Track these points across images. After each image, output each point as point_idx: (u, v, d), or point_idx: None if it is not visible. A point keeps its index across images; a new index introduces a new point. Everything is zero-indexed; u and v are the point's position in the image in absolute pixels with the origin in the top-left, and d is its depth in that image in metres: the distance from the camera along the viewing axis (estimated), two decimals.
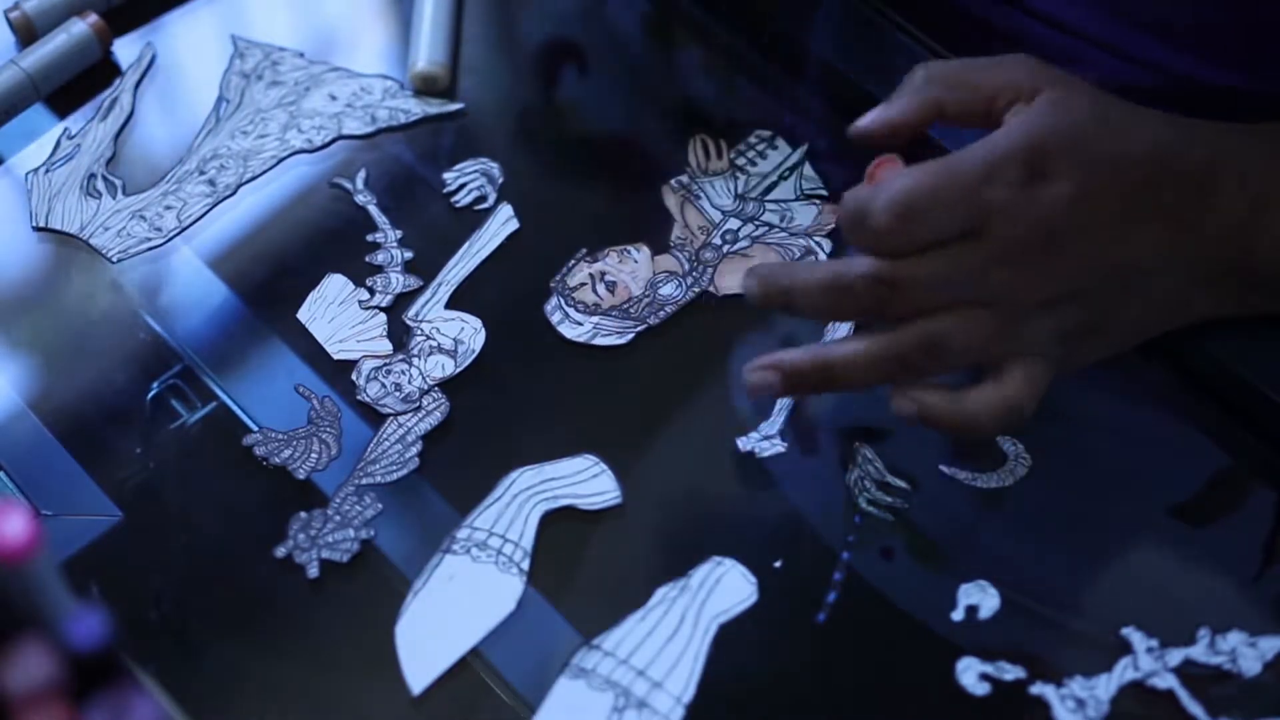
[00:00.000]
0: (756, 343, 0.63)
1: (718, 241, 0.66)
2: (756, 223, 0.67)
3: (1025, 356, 0.56)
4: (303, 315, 0.64)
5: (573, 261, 0.65)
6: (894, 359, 0.55)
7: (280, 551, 0.58)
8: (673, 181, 0.68)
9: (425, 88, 0.70)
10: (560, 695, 0.55)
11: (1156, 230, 0.57)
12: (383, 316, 0.64)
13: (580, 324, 0.64)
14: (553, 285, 0.65)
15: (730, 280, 0.65)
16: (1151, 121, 0.59)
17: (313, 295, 0.64)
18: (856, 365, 0.56)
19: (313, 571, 0.57)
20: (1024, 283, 0.55)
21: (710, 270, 0.65)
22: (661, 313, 0.64)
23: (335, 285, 0.65)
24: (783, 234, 0.66)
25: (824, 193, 0.67)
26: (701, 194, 0.67)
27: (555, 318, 0.64)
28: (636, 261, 0.66)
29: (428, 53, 0.70)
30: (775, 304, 0.57)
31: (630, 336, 0.63)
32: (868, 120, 0.58)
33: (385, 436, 0.61)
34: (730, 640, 0.56)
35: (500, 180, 0.68)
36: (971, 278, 0.55)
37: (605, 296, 0.64)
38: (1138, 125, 0.58)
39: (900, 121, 0.58)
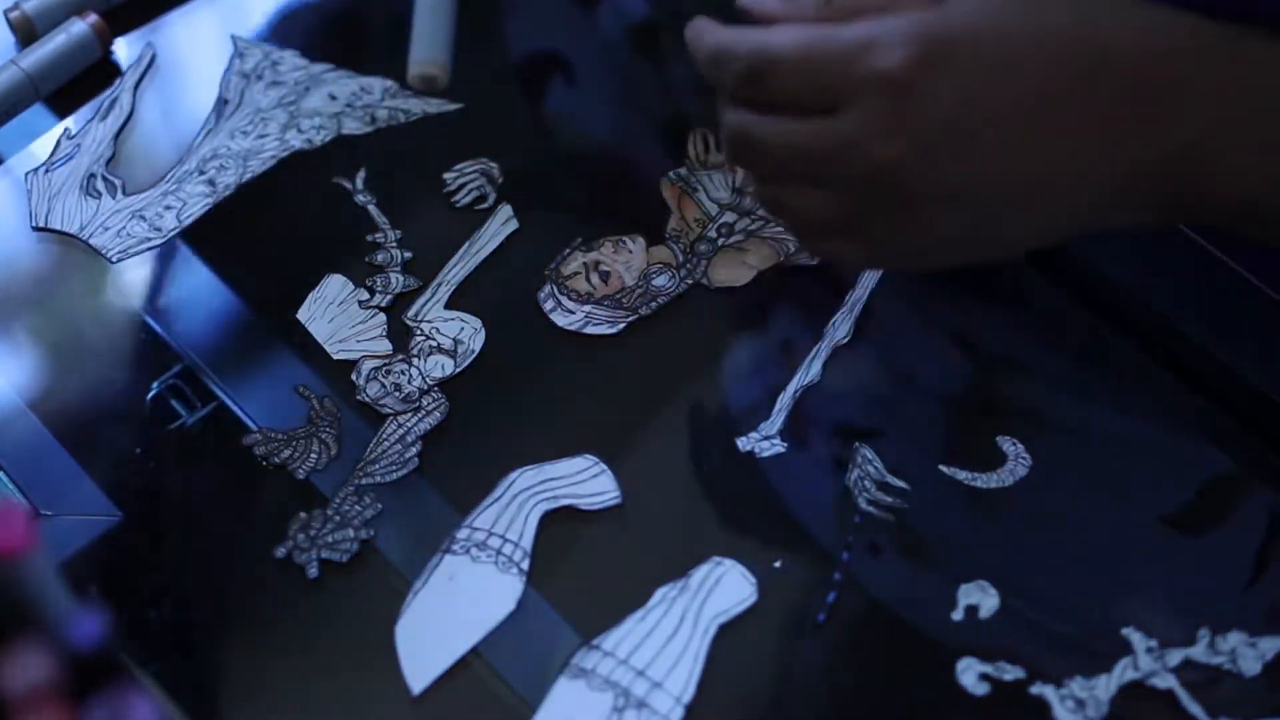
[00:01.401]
0: (749, 337, 0.63)
1: (713, 234, 0.66)
2: (752, 216, 0.67)
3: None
4: (303, 315, 0.64)
5: (567, 250, 0.65)
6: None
7: (280, 551, 0.58)
8: (671, 174, 0.68)
9: (425, 88, 0.70)
10: (560, 695, 0.55)
11: (1073, 143, 0.51)
12: (383, 316, 0.64)
13: (572, 312, 0.64)
14: (546, 273, 0.65)
15: (724, 274, 0.65)
16: (1102, 13, 0.51)
17: (313, 295, 0.64)
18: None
19: (313, 571, 0.57)
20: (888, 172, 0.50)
21: (704, 263, 0.65)
22: (654, 304, 0.64)
23: (335, 285, 0.65)
24: (778, 228, 0.66)
25: None
26: (699, 187, 0.67)
27: (548, 305, 0.64)
28: (631, 252, 0.65)
29: (427, 53, 0.70)
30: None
31: (621, 326, 0.63)
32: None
33: (385, 436, 0.61)
34: (730, 640, 0.56)
35: (500, 180, 0.68)
36: (826, 155, 0.51)
37: (598, 286, 0.64)
38: (1074, 18, 0.51)
39: (783, 16, 0.53)
